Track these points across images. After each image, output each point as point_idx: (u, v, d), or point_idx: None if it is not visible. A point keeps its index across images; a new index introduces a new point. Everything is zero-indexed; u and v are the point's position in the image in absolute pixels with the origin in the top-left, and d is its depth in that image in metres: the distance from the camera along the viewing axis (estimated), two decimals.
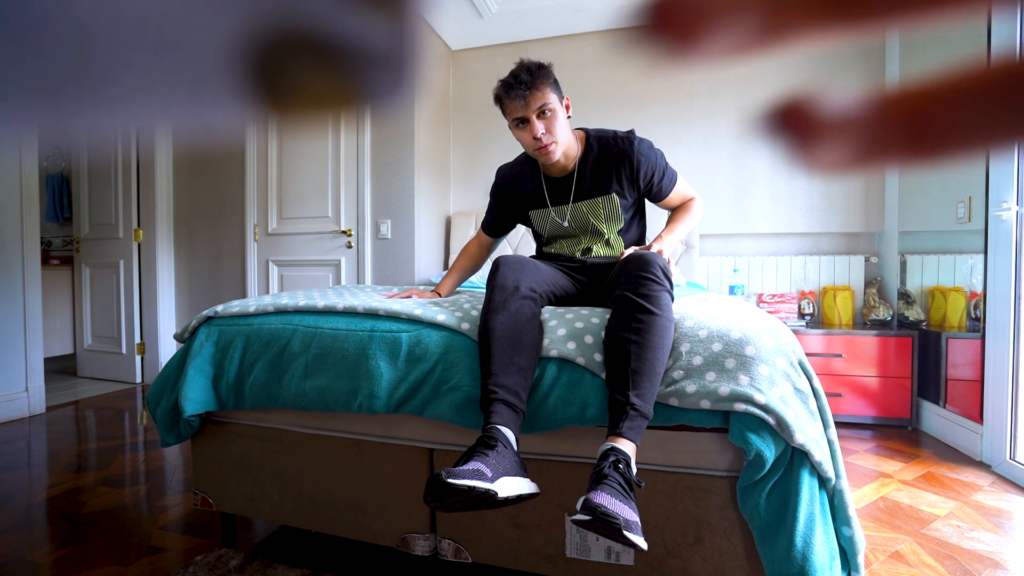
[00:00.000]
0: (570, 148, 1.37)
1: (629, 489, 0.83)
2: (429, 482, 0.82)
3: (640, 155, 1.35)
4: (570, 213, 1.40)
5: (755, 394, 0.89)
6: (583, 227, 1.42)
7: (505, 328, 1.05)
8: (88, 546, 1.40)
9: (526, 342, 1.05)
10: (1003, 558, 1.32)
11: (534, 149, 1.32)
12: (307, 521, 1.29)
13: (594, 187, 1.37)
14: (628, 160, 1.35)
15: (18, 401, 2.67)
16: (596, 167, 1.37)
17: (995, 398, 1.94)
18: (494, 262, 1.19)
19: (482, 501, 0.84)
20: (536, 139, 1.29)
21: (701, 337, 0.99)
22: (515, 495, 0.86)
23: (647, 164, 1.36)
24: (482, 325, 1.08)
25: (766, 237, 3.03)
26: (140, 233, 3.51)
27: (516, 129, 1.33)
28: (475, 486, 0.81)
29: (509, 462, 0.89)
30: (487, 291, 1.14)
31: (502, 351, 1.02)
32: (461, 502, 0.84)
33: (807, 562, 0.84)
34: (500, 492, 0.83)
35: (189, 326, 1.38)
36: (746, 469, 0.90)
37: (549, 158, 1.33)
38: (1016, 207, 1.86)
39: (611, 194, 1.37)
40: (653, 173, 1.37)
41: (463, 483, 0.81)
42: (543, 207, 1.44)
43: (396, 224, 3.04)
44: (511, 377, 1.00)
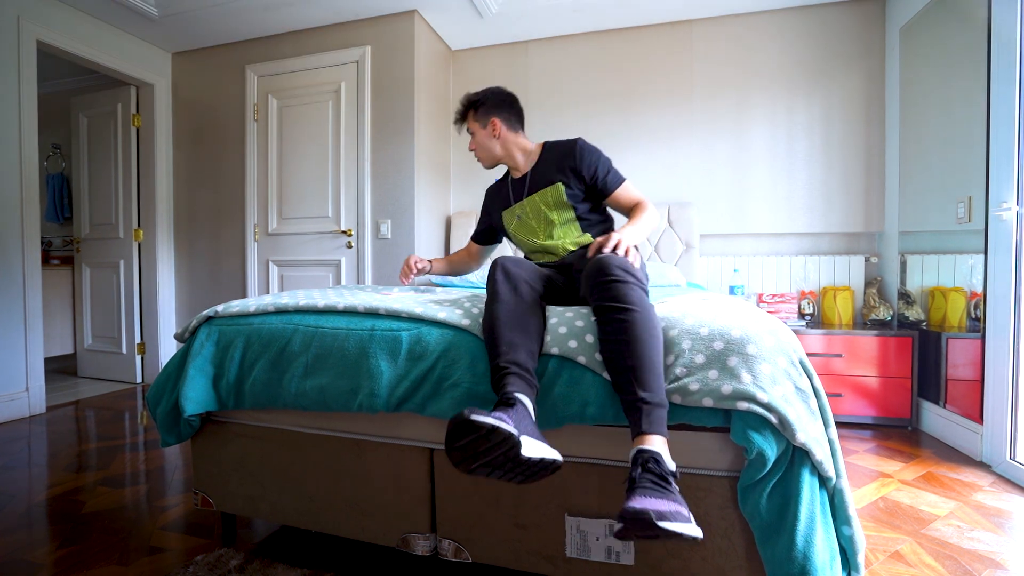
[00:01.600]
0: (530, 155, 1.64)
1: (665, 483, 0.82)
2: (452, 423, 0.82)
3: (581, 150, 1.55)
4: (526, 204, 1.60)
5: (758, 392, 0.88)
6: (538, 216, 1.59)
7: (511, 314, 1.07)
8: (88, 546, 1.40)
9: (532, 328, 1.07)
10: (1003, 558, 1.32)
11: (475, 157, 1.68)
12: (307, 521, 1.29)
13: (542, 180, 1.59)
14: (571, 154, 1.56)
15: (18, 401, 2.67)
16: (545, 165, 1.60)
17: (995, 398, 1.94)
18: (492, 262, 1.20)
19: (505, 451, 0.83)
20: (471, 150, 1.67)
21: (703, 335, 0.99)
22: (538, 457, 0.85)
23: (589, 158, 1.55)
24: (487, 314, 1.09)
25: (766, 237, 3.03)
26: (140, 233, 3.51)
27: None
28: (499, 426, 0.81)
29: (530, 425, 0.89)
30: (488, 287, 1.16)
31: (510, 334, 1.03)
32: (485, 449, 0.83)
33: (808, 561, 0.84)
34: (524, 447, 0.83)
35: (189, 326, 1.38)
36: (747, 468, 0.90)
37: (481, 163, 1.67)
38: (1016, 207, 1.86)
39: (556, 183, 1.55)
40: (596, 168, 1.55)
41: (487, 421, 0.81)
42: (508, 206, 1.67)
43: (396, 224, 3.04)
44: (521, 355, 1.01)
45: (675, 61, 3.13)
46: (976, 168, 2.05)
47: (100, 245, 3.59)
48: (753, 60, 3.01)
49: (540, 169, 1.59)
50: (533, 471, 0.88)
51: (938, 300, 2.34)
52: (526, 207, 1.59)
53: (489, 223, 1.79)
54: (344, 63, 3.12)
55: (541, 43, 3.35)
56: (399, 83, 3.03)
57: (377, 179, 3.08)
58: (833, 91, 2.90)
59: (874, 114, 2.84)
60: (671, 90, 3.14)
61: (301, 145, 3.23)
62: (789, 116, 2.96)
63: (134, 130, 3.48)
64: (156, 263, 3.48)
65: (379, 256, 3.08)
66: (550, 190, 1.55)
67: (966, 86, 2.13)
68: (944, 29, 2.31)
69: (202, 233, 3.53)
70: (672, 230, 2.97)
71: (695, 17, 3.09)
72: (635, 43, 3.20)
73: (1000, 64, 1.92)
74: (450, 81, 3.52)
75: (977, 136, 2.04)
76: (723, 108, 3.06)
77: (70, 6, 2.94)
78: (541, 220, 1.57)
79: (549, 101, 3.33)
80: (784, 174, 2.97)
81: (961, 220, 2.15)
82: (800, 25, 2.94)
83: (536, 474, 0.89)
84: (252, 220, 3.34)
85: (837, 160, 2.90)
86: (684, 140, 3.11)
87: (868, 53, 2.84)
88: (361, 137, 3.08)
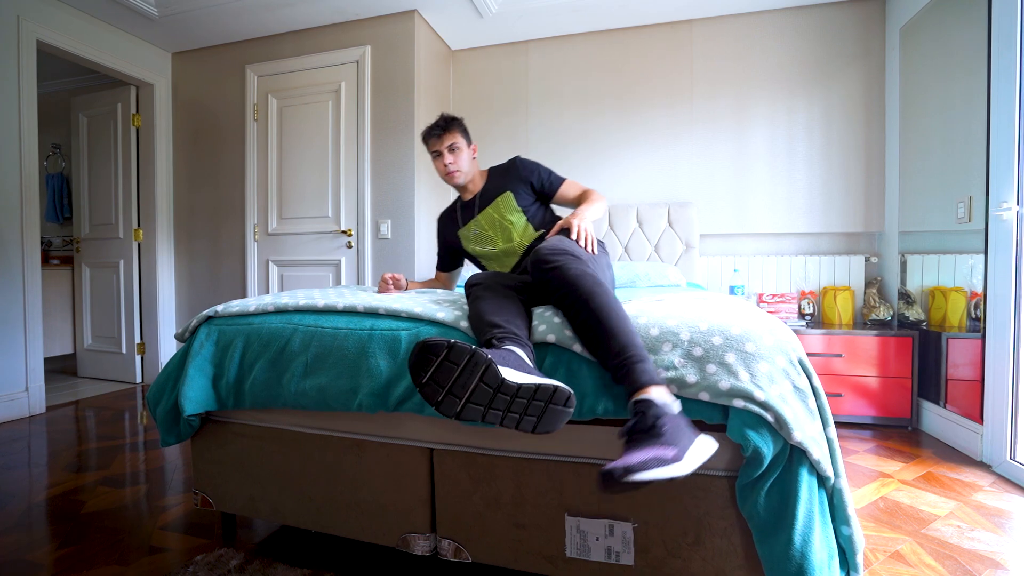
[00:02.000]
0: (475, 179, 1.78)
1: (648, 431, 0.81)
2: (411, 354, 0.82)
3: (522, 163, 1.75)
4: (480, 218, 1.74)
5: (754, 391, 0.88)
6: (493, 225, 1.71)
7: (494, 304, 1.09)
8: (88, 546, 1.40)
9: (517, 313, 1.09)
10: (1003, 558, 1.32)
11: (444, 174, 1.73)
12: (307, 521, 1.29)
13: (492, 194, 1.74)
14: (513, 168, 1.75)
15: (18, 401, 2.67)
16: (492, 184, 1.77)
17: (995, 398, 1.94)
18: (467, 281, 1.25)
19: (482, 374, 0.81)
20: (445, 166, 1.70)
21: (701, 329, 0.99)
22: (532, 383, 0.83)
23: (528, 168, 1.74)
24: (472, 312, 1.13)
25: (766, 237, 3.03)
26: (140, 233, 3.51)
27: (434, 160, 1.74)
28: (458, 343, 0.80)
29: (517, 361, 0.87)
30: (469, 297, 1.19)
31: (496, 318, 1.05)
32: (456, 377, 0.81)
33: (805, 560, 0.84)
34: (505, 373, 0.81)
35: (189, 326, 1.38)
36: (744, 467, 0.90)
37: (455, 180, 1.72)
38: (1016, 207, 1.86)
39: (506, 192, 1.71)
40: (538, 173, 1.73)
41: (443, 340, 0.81)
42: (466, 224, 1.79)
43: (396, 224, 3.04)
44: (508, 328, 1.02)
45: (675, 61, 3.13)
46: (976, 168, 2.05)
47: (100, 245, 3.60)
48: (753, 60, 3.01)
49: (488, 188, 1.76)
50: (536, 406, 0.84)
51: (938, 300, 2.34)
52: (480, 221, 1.73)
53: (447, 247, 1.90)
54: (344, 63, 3.12)
55: (541, 43, 3.35)
56: (399, 83, 3.03)
57: (377, 179, 3.08)
58: (833, 91, 2.90)
59: (874, 114, 2.84)
60: (671, 90, 3.14)
61: (301, 145, 3.23)
62: (789, 116, 2.96)
63: (134, 130, 3.48)
64: (156, 263, 3.48)
65: (379, 256, 3.08)
66: (501, 199, 1.71)
67: (966, 86, 2.13)
68: (944, 29, 2.31)
69: (202, 233, 3.53)
70: (672, 230, 2.97)
71: (695, 17, 3.09)
72: (635, 43, 3.20)
73: (1000, 64, 1.92)
74: (450, 81, 3.52)
75: (977, 136, 2.04)
76: (723, 108, 3.06)
77: (70, 6, 2.94)
78: (497, 228, 1.70)
79: (549, 101, 3.33)
80: (784, 174, 2.97)
81: (961, 220, 2.15)
82: (800, 25, 2.94)
83: (544, 410, 0.84)
84: (252, 220, 3.34)
85: (837, 160, 2.90)
86: (684, 140, 3.11)
87: (868, 53, 2.84)
88: (361, 137, 3.08)
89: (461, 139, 1.72)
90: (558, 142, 3.31)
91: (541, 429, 0.86)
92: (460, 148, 1.71)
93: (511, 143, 3.40)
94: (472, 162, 1.75)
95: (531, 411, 0.84)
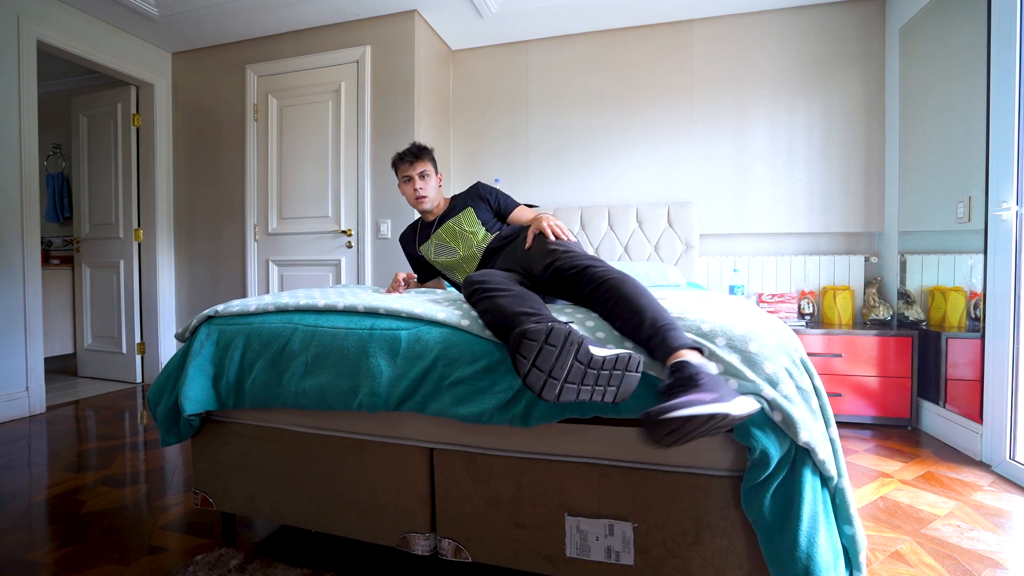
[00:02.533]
0: (439, 204, 1.92)
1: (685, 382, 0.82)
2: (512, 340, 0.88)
3: (480, 185, 1.91)
4: (441, 231, 1.86)
5: (763, 388, 0.89)
6: (454, 236, 1.83)
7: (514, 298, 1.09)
8: (88, 546, 1.40)
9: (540, 301, 1.10)
10: (1003, 558, 1.32)
11: (414, 199, 1.84)
12: (307, 521, 1.28)
13: (453, 211, 1.88)
14: (474, 190, 1.91)
15: (18, 401, 2.67)
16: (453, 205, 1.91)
17: (995, 398, 1.94)
18: (463, 282, 1.25)
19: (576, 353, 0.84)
20: (415, 190, 1.83)
21: (704, 331, 0.99)
22: (613, 355, 0.87)
23: (488, 190, 1.90)
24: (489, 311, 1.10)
25: (766, 237, 3.03)
26: (140, 233, 3.51)
27: (402, 184, 1.86)
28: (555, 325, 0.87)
29: (585, 336, 0.90)
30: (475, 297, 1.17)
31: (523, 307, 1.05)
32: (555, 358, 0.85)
33: (812, 561, 0.84)
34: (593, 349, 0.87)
35: (190, 325, 1.38)
36: (751, 468, 0.90)
37: (422, 204, 1.85)
38: (1016, 207, 1.86)
39: (467, 207, 1.86)
40: (496, 196, 1.89)
41: (541, 325, 0.87)
42: (425, 240, 1.91)
43: (396, 224, 3.04)
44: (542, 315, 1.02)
45: (675, 61, 3.13)
46: (976, 168, 2.05)
47: (100, 245, 3.59)
48: (753, 60, 3.01)
49: (449, 209, 1.90)
50: (617, 376, 0.87)
51: (938, 300, 2.35)
52: (441, 233, 1.85)
53: (415, 262, 2.01)
54: (344, 63, 3.12)
55: (541, 43, 3.35)
56: (399, 83, 3.03)
57: (377, 179, 3.08)
58: (833, 91, 2.90)
59: (874, 114, 2.84)
60: (671, 90, 3.14)
61: (301, 145, 3.23)
62: (789, 116, 2.96)
63: (134, 130, 3.48)
64: (156, 263, 3.48)
65: (379, 256, 3.08)
66: (463, 214, 1.85)
67: (966, 86, 2.13)
68: (944, 29, 2.31)
69: (202, 233, 3.53)
70: (672, 230, 2.97)
71: (695, 17, 3.09)
72: (635, 43, 3.20)
73: (1000, 64, 1.92)
74: (450, 81, 3.52)
75: (977, 136, 2.04)
76: (723, 108, 3.06)
77: (70, 6, 2.94)
78: (457, 238, 1.82)
79: (549, 101, 3.33)
80: (784, 174, 2.97)
81: (961, 220, 2.15)
82: (800, 25, 2.94)
83: (622, 379, 0.88)
84: (252, 220, 3.34)
85: (837, 160, 2.90)
86: (684, 140, 3.11)
87: (868, 53, 2.84)
88: (361, 137, 3.08)
89: (431, 167, 1.85)
90: (558, 142, 3.31)
91: (620, 397, 0.90)
92: (429, 175, 1.84)
93: (511, 143, 3.40)
94: (438, 190, 1.90)
95: (612, 381, 0.88)
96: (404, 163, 1.84)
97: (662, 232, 2.98)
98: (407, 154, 1.84)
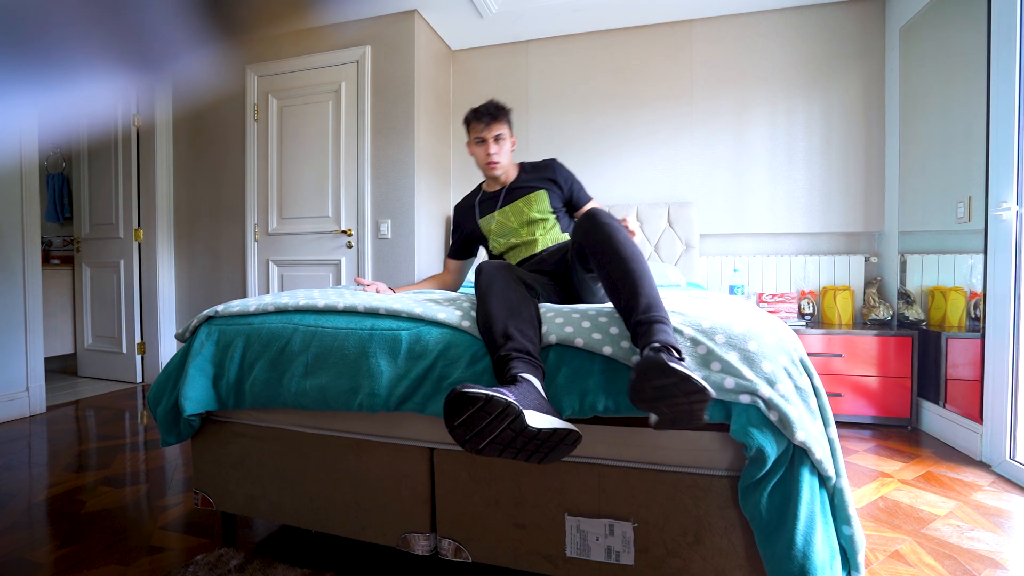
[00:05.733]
0: (509, 171, 1.79)
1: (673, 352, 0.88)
2: (448, 398, 0.82)
3: (558, 167, 1.77)
4: (509, 209, 1.73)
5: (760, 387, 0.89)
6: (520, 219, 1.71)
7: (504, 307, 1.08)
8: (88, 546, 1.40)
9: (526, 316, 1.08)
10: (1003, 558, 1.32)
11: (484, 163, 1.72)
12: (307, 521, 1.29)
13: (524, 188, 1.74)
14: (550, 168, 1.77)
15: (19, 401, 2.67)
16: (525, 178, 1.77)
17: (995, 398, 1.94)
18: (477, 268, 1.24)
19: (511, 423, 0.82)
20: (488, 155, 1.69)
21: (704, 327, 0.99)
22: (549, 428, 0.85)
23: (564, 173, 1.77)
24: (481, 314, 1.10)
25: (766, 237, 3.03)
26: (140, 233, 3.51)
27: (475, 145, 1.73)
28: (496, 395, 0.81)
29: (536, 399, 0.88)
30: (477, 289, 1.17)
31: (507, 324, 1.04)
32: (487, 424, 0.82)
33: (807, 561, 0.84)
34: (529, 418, 0.83)
35: (190, 326, 1.38)
36: (748, 467, 0.90)
37: (493, 170, 1.72)
38: (1016, 207, 1.86)
39: (540, 189, 1.72)
40: (572, 182, 1.76)
41: (483, 391, 0.80)
42: (490, 212, 1.77)
43: (396, 224, 3.04)
44: (521, 341, 1.01)
45: (675, 61, 3.13)
46: (976, 168, 2.05)
47: (100, 245, 3.60)
48: (753, 60, 3.01)
49: (518, 183, 1.76)
50: (548, 445, 0.87)
51: (938, 300, 2.35)
52: (508, 212, 1.73)
53: (464, 236, 1.88)
54: (344, 63, 3.12)
55: (541, 43, 3.35)
56: (399, 83, 3.03)
57: (377, 179, 3.08)
58: (833, 91, 2.90)
59: (874, 114, 2.84)
60: (671, 90, 3.14)
61: (301, 145, 3.23)
62: (789, 116, 2.96)
63: (134, 130, 3.48)
64: (156, 263, 3.48)
65: (379, 256, 3.08)
66: (534, 196, 1.71)
67: (966, 86, 2.13)
68: (944, 29, 2.31)
69: (202, 233, 3.53)
70: (672, 230, 2.97)
71: (695, 17, 3.09)
72: (635, 43, 3.20)
73: (1000, 64, 1.92)
74: (450, 81, 3.52)
75: (977, 136, 2.04)
76: (723, 108, 3.06)
77: None
78: (523, 221, 1.71)
79: (549, 101, 3.34)
80: (784, 174, 2.97)
81: (961, 220, 2.15)
82: (800, 25, 2.95)
83: (553, 448, 0.88)
84: (252, 220, 3.34)
85: (837, 160, 2.90)
86: (684, 140, 3.11)
87: (868, 53, 2.84)
88: (361, 137, 3.08)
89: (507, 130, 1.71)
90: (558, 142, 3.31)
91: (545, 461, 0.92)
92: (504, 139, 1.70)
93: None
94: (511, 155, 1.75)
95: (542, 449, 0.89)
96: (479, 122, 1.68)
97: (662, 232, 2.98)
98: (483, 113, 1.69)
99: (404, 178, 3.03)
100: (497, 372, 0.99)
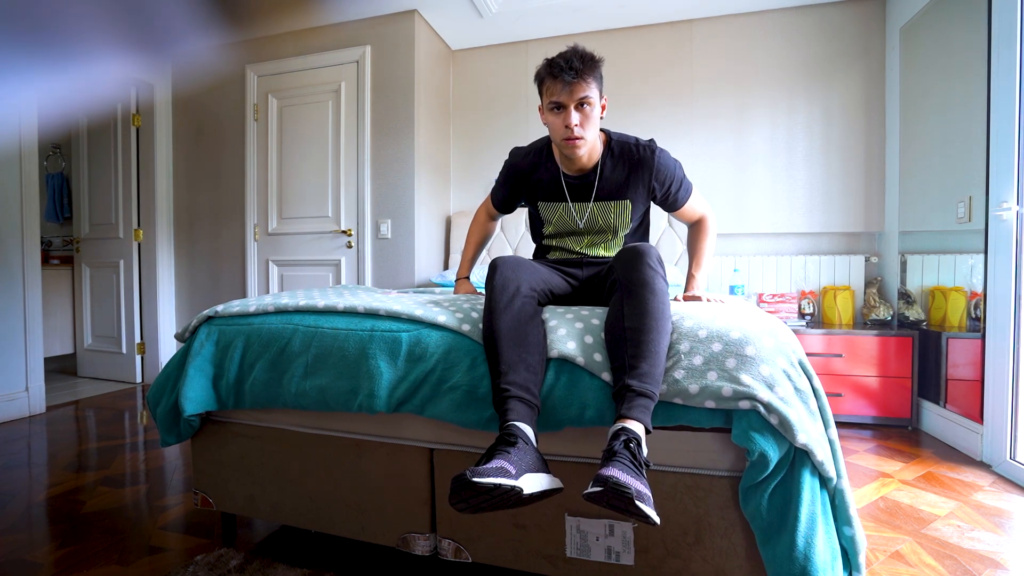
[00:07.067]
0: (593, 149, 1.35)
1: (639, 466, 0.84)
2: (454, 482, 0.82)
3: (660, 165, 1.35)
4: (586, 213, 1.40)
5: (758, 392, 0.89)
6: (591, 227, 1.42)
7: (510, 328, 1.06)
8: (88, 546, 1.40)
9: (532, 340, 1.06)
10: (1003, 558, 1.32)
11: (562, 138, 1.29)
12: (307, 521, 1.28)
13: (611, 191, 1.37)
14: (648, 168, 1.35)
15: (18, 401, 2.67)
16: (614, 172, 1.37)
17: (995, 398, 1.94)
18: (491, 263, 1.20)
19: (508, 499, 0.84)
20: (568, 127, 1.25)
21: (701, 337, 0.99)
22: (539, 491, 0.86)
23: (666, 174, 1.37)
24: (487, 328, 1.09)
25: (766, 237, 3.03)
26: (140, 233, 3.51)
27: (550, 113, 1.29)
28: (501, 483, 0.81)
29: (531, 458, 0.89)
30: (487, 293, 1.15)
31: (510, 350, 1.03)
32: (488, 501, 0.83)
33: (809, 562, 0.84)
34: (525, 488, 0.84)
35: (189, 326, 1.38)
36: (749, 469, 0.90)
37: (574, 151, 1.30)
38: (1016, 207, 1.86)
39: (627, 200, 1.37)
40: (671, 184, 1.39)
41: (488, 481, 0.81)
42: (557, 201, 1.42)
43: (396, 224, 3.04)
44: (521, 374, 1.00)
45: (675, 61, 3.13)
46: (976, 168, 2.05)
47: (100, 245, 3.59)
48: (753, 60, 3.01)
49: (608, 175, 1.36)
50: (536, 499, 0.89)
51: (938, 300, 2.34)
52: (577, 211, 1.40)
53: (516, 196, 1.53)
54: (344, 63, 3.12)
55: (541, 43, 3.35)
56: (399, 83, 3.02)
57: (377, 179, 3.08)
58: (833, 91, 2.90)
59: (874, 114, 2.84)
60: (671, 90, 3.14)
61: (301, 145, 3.23)
62: (789, 116, 2.96)
63: (134, 130, 3.48)
64: (156, 263, 3.48)
65: (379, 256, 3.08)
66: (618, 205, 1.37)
67: (966, 86, 2.13)
68: (944, 29, 2.30)
69: (202, 233, 3.53)
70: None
71: (695, 17, 3.08)
72: (635, 43, 3.20)
73: (1000, 64, 1.92)
74: (450, 81, 3.52)
75: (977, 136, 2.04)
76: (723, 108, 3.05)
77: None
78: (595, 231, 1.42)
79: None
80: (784, 174, 2.97)
81: (961, 220, 2.15)
82: (800, 25, 2.94)
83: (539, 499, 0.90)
84: (252, 220, 3.34)
85: (837, 160, 2.90)
86: (684, 140, 3.11)
87: (868, 53, 2.84)
88: (361, 137, 3.08)
89: (595, 92, 1.25)
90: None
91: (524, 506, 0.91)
92: (592, 105, 1.25)
93: (511, 143, 3.39)
94: (598, 126, 1.32)
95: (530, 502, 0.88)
96: (558, 80, 1.22)
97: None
98: (564, 67, 1.21)
99: (404, 178, 3.03)
100: (495, 399, 0.99)
